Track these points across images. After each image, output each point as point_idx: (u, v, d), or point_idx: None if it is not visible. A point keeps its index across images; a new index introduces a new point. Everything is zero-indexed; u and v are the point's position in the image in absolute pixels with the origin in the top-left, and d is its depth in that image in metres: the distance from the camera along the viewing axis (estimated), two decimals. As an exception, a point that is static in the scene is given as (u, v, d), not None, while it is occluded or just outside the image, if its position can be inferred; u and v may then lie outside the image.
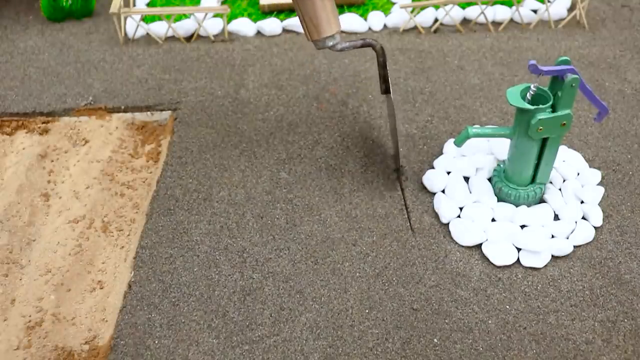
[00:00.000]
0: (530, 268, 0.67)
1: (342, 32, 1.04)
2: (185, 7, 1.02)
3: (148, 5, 1.11)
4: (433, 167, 0.78)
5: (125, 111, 0.90)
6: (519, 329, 0.62)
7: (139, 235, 0.73)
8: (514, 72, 0.94)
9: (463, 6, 1.06)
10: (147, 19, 1.06)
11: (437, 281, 0.66)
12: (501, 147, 0.76)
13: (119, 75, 0.96)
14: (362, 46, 0.72)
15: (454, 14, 1.04)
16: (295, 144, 0.83)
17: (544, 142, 0.67)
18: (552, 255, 0.68)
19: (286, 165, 0.80)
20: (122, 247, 0.73)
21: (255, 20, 1.05)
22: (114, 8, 0.99)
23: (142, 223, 0.74)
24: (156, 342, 0.62)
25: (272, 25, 1.03)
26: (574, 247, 0.69)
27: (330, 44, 0.70)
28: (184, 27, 1.03)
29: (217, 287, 0.67)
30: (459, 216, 0.72)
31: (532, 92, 0.64)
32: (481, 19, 1.04)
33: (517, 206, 0.72)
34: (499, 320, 0.63)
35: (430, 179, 0.75)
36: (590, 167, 0.77)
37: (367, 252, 0.69)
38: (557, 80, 0.64)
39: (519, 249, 0.68)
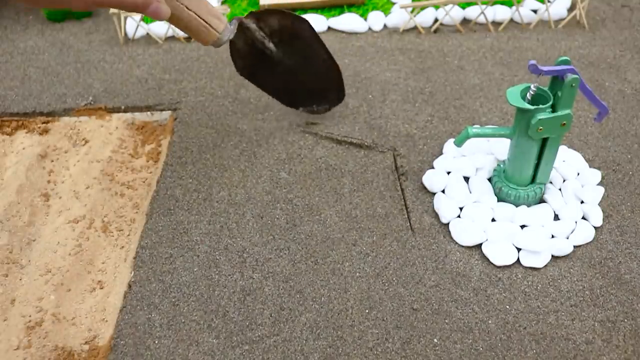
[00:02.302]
0: (530, 268, 0.67)
1: (343, 32, 1.04)
2: (185, 7, 1.02)
3: (148, 5, 1.10)
4: (433, 167, 0.78)
5: (125, 111, 0.90)
6: (519, 329, 0.62)
7: (139, 235, 0.73)
8: (514, 72, 0.94)
9: (463, 6, 1.06)
10: (147, 19, 1.06)
11: (437, 281, 0.66)
12: (501, 147, 0.76)
13: (119, 75, 0.96)
14: (240, 26, 0.73)
15: (454, 14, 1.04)
16: (295, 144, 0.83)
17: (544, 142, 0.67)
18: (552, 255, 0.68)
19: (286, 165, 0.80)
20: (122, 247, 0.73)
21: (255, 20, 1.05)
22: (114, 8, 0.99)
23: (142, 223, 0.74)
24: (156, 342, 0.62)
25: (272, 25, 1.03)
26: (574, 247, 0.69)
27: (229, 32, 0.71)
28: (184, 27, 1.03)
29: (217, 287, 0.67)
30: (459, 216, 0.72)
31: (532, 92, 0.64)
32: (481, 19, 1.04)
33: (517, 206, 0.72)
34: (499, 320, 0.63)
35: (430, 179, 0.75)
36: (590, 167, 0.77)
37: (367, 252, 0.69)
38: (557, 80, 0.64)
39: (519, 249, 0.68)
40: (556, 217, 0.72)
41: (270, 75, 0.80)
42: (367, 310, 0.64)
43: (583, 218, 0.71)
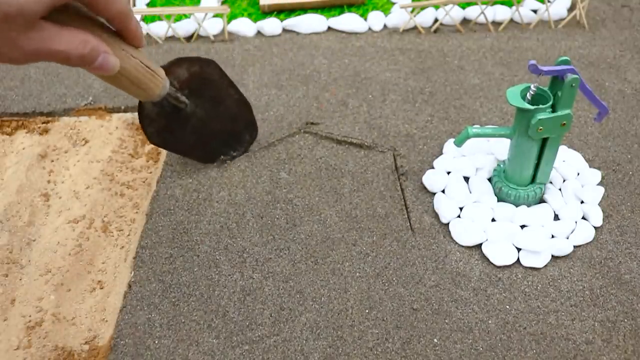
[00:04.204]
0: (530, 268, 0.67)
1: (343, 32, 1.04)
2: (185, 7, 1.02)
3: (148, 5, 1.11)
4: (433, 167, 0.78)
5: (125, 111, 0.90)
6: (519, 329, 0.62)
7: (139, 235, 0.73)
8: (514, 72, 0.94)
9: (463, 6, 1.06)
10: (147, 19, 1.06)
11: (437, 281, 0.66)
12: (501, 147, 0.76)
13: (119, 75, 0.96)
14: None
15: (454, 14, 1.04)
16: (295, 144, 0.83)
17: (544, 142, 0.67)
18: (552, 255, 0.68)
19: (286, 165, 0.80)
20: (122, 247, 0.73)
21: (255, 20, 1.06)
22: (114, 8, 0.99)
23: (142, 223, 0.74)
24: (156, 342, 0.62)
25: (272, 25, 1.03)
26: (574, 247, 0.69)
27: (167, 79, 0.63)
28: (184, 27, 1.03)
29: (217, 287, 0.67)
30: (459, 216, 0.72)
31: (532, 92, 0.64)
32: (481, 19, 1.04)
33: (517, 206, 0.72)
34: (499, 320, 0.63)
35: (430, 179, 0.75)
36: (590, 167, 0.77)
37: (367, 252, 0.69)
38: (557, 80, 0.64)
39: (519, 249, 0.68)
40: (556, 217, 0.72)
41: (183, 133, 0.74)
42: (367, 310, 0.64)
43: (583, 218, 0.71)
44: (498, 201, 0.73)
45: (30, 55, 0.45)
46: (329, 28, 1.05)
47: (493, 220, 0.71)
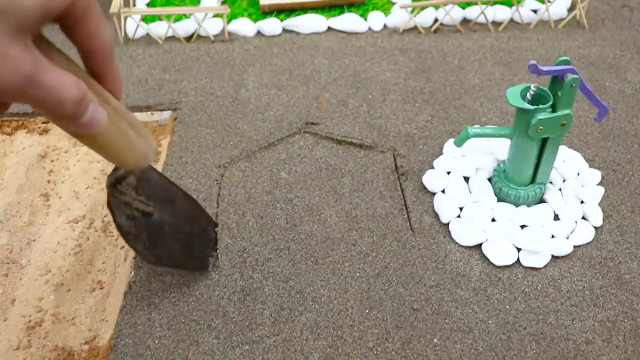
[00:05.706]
0: (530, 268, 0.67)
1: (343, 32, 1.04)
2: (185, 7, 1.02)
3: (148, 5, 1.11)
4: (433, 167, 0.78)
5: (125, 111, 0.90)
6: (519, 329, 0.62)
7: (139, 235, 0.73)
8: (514, 72, 0.94)
9: (463, 6, 1.06)
10: (147, 19, 1.06)
11: (437, 281, 0.66)
12: (501, 147, 0.76)
13: (119, 75, 0.96)
14: (115, 200, 0.61)
15: (454, 14, 1.04)
16: (295, 144, 0.83)
17: (544, 142, 0.67)
18: (552, 255, 0.68)
19: (286, 165, 0.80)
20: (122, 247, 0.73)
21: (255, 20, 1.05)
22: (114, 8, 0.99)
23: (142, 223, 0.74)
24: (156, 342, 0.62)
25: (272, 25, 1.03)
26: (574, 247, 0.69)
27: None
28: (184, 27, 1.03)
29: (217, 287, 0.67)
30: (459, 216, 0.72)
31: (532, 92, 0.64)
32: (481, 19, 1.04)
33: (517, 206, 0.72)
34: (499, 320, 0.63)
35: (430, 179, 0.75)
36: (590, 167, 0.77)
37: (367, 252, 0.69)
38: (557, 80, 0.64)
39: (519, 249, 0.68)
40: (556, 217, 0.72)
41: (166, 243, 0.65)
42: (367, 310, 0.64)
43: (583, 218, 0.71)
44: (498, 201, 0.73)
45: (23, 78, 0.34)
46: (329, 28, 1.05)
47: (493, 220, 0.71)
